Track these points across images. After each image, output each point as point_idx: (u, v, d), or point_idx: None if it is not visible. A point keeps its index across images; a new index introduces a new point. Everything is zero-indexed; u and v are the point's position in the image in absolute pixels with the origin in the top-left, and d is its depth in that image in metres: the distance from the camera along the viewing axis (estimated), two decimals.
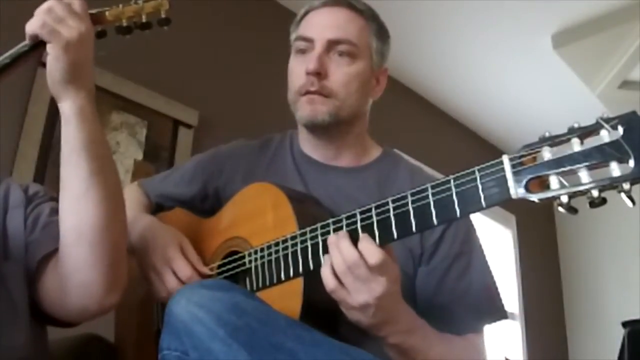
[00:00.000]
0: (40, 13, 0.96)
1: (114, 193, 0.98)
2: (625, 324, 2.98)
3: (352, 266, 0.89)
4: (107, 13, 1.05)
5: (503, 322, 1.17)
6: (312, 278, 0.94)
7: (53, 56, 0.95)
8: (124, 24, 1.06)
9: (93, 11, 1.02)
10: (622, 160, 0.70)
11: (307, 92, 1.17)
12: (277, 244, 1.02)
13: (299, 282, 0.98)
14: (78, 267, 0.94)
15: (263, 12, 3.04)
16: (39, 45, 0.97)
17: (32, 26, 0.96)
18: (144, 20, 1.06)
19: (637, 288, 4.07)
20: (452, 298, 1.11)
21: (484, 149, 4.33)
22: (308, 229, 0.98)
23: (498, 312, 1.15)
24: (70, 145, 0.95)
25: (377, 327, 0.94)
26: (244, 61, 2.90)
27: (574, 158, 0.73)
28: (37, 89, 2.14)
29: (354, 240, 0.91)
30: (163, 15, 1.07)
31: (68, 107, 0.96)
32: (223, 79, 2.80)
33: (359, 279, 0.89)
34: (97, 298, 0.95)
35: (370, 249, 0.89)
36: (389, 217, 0.89)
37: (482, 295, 1.13)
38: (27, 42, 0.98)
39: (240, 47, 2.91)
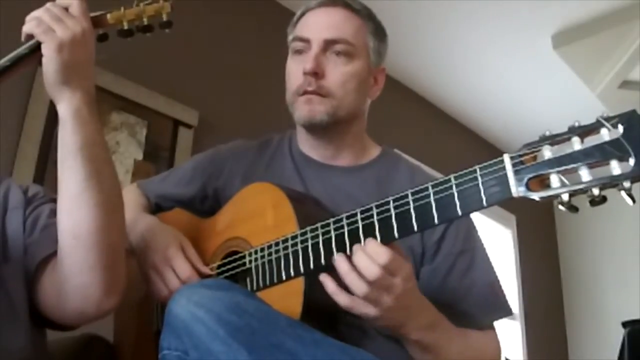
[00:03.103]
0: (37, 14, 0.96)
1: (111, 196, 0.97)
2: (625, 324, 2.98)
3: (376, 281, 0.88)
4: (108, 16, 1.05)
5: (508, 318, 1.17)
6: (313, 278, 0.94)
7: (46, 57, 0.94)
8: (125, 26, 1.06)
9: (94, 14, 1.02)
10: (622, 159, 0.70)
11: (305, 92, 1.17)
12: (277, 244, 1.01)
13: (300, 282, 0.98)
14: (75, 269, 0.93)
15: (263, 12, 3.04)
16: (38, 48, 0.96)
17: (28, 26, 0.96)
18: (145, 23, 1.06)
19: (637, 288, 4.06)
20: (456, 296, 1.11)
21: (484, 149, 4.33)
22: (308, 228, 0.97)
23: (502, 309, 1.15)
24: (66, 148, 0.95)
25: (398, 326, 0.95)
26: (244, 61, 2.90)
27: (575, 157, 0.73)
28: (37, 89, 2.14)
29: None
30: (164, 18, 1.07)
31: (63, 109, 0.95)
32: (223, 79, 2.80)
33: (381, 288, 0.88)
34: (95, 301, 0.94)
35: (377, 251, 0.88)
36: (390, 216, 0.89)
37: (485, 292, 1.13)
38: (27, 44, 0.98)
39: (240, 47, 2.91)
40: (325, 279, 0.92)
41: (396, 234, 0.88)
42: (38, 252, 0.99)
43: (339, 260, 0.91)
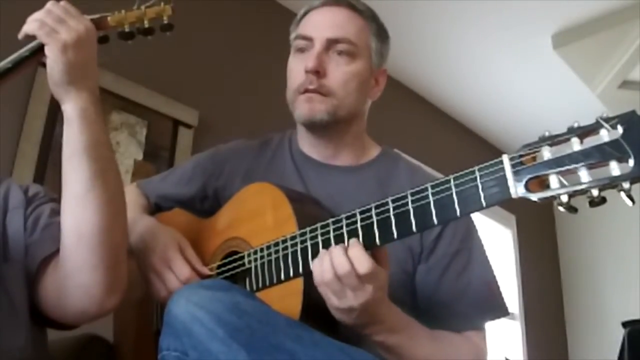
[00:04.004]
0: (39, 16, 0.96)
1: (115, 195, 0.98)
2: (625, 324, 2.98)
3: (342, 276, 0.88)
4: (109, 18, 1.05)
5: (504, 318, 1.16)
6: (312, 278, 0.94)
7: (52, 58, 0.95)
8: (126, 29, 1.06)
9: (95, 16, 1.03)
10: (621, 160, 0.70)
11: (306, 91, 1.17)
12: (276, 244, 1.01)
13: (299, 282, 0.98)
14: (78, 268, 0.94)
15: (263, 12, 3.04)
16: (39, 49, 0.97)
17: (30, 27, 0.96)
18: (146, 25, 1.07)
19: (637, 288, 4.07)
20: (452, 295, 1.11)
21: (484, 149, 4.33)
22: (308, 229, 0.97)
23: (499, 309, 1.15)
24: (72, 147, 0.95)
25: (361, 326, 0.95)
26: (244, 61, 2.90)
27: (574, 157, 0.73)
28: (37, 89, 2.14)
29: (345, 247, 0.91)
30: (165, 21, 1.07)
31: (70, 109, 0.96)
32: (223, 79, 2.80)
33: (347, 286, 0.89)
34: (97, 300, 0.95)
35: (360, 258, 0.88)
36: (389, 217, 0.89)
37: (482, 291, 1.13)
38: (28, 46, 0.98)
39: (240, 47, 2.91)
40: (321, 252, 0.93)
41: (395, 235, 0.88)
42: (39, 251, 0.99)
43: (330, 248, 0.92)
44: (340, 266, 0.88)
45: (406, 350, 0.99)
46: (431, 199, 0.85)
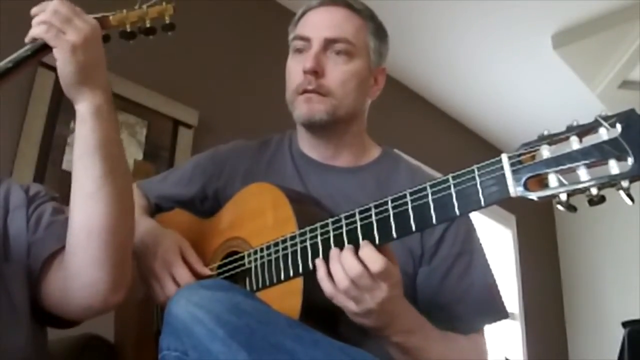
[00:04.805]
0: (44, 16, 0.95)
1: (125, 193, 0.98)
2: (625, 324, 2.98)
3: (355, 278, 0.88)
4: (111, 18, 1.05)
5: (504, 321, 1.17)
6: (312, 278, 0.94)
7: (61, 60, 0.94)
8: (128, 29, 1.06)
9: (97, 15, 1.02)
10: (620, 158, 0.70)
11: (305, 91, 1.17)
12: (276, 244, 1.01)
13: (299, 282, 0.98)
14: (85, 265, 0.94)
15: (263, 12, 3.04)
16: (41, 49, 0.97)
17: (37, 30, 0.95)
18: (148, 25, 1.06)
19: (637, 288, 4.06)
20: (453, 298, 1.11)
21: (484, 149, 4.33)
22: (308, 229, 0.97)
23: (499, 312, 1.15)
24: (84, 145, 0.95)
25: (379, 328, 0.95)
26: (244, 61, 2.90)
27: (573, 156, 0.73)
28: (37, 89, 2.14)
29: (355, 247, 0.91)
30: (167, 21, 1.07)
31: (84, 108, 0.96)
32: (223, 79, 2.80)
33: (363, 289, 0.89)
34: (103, 296, 0.95)
35: (372, 257, 0.88)
36: (388, 216, 0.89)
37: (483, 295, 1.13)
38: (29, 45, 0.97)
39: (240, 47, 2.91)
40: (319, 264, 0.93)
41: (394, 234, 0.88)
42: (43, 249, 0.99)
43: (333, 252, 0.92)
44: (353, 270, 0.88)
45: (422, 351, 0.99)
46: (430, 198, 0.85)
